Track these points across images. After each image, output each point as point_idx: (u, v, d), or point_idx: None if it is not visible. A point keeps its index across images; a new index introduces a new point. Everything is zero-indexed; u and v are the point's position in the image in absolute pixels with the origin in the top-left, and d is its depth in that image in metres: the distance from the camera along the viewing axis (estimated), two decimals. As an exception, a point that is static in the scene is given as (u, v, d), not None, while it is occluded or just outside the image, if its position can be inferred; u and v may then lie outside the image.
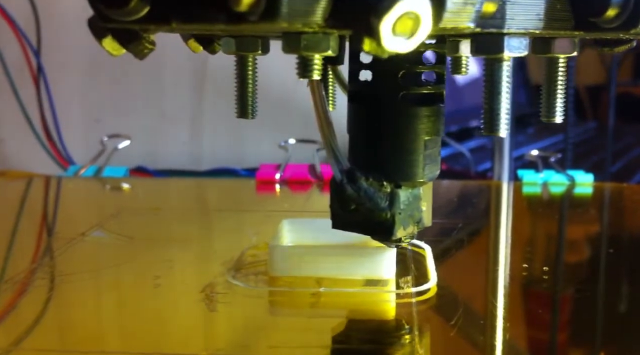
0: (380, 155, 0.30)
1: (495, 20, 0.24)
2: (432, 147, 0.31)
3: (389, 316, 0.33)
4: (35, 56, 0.76)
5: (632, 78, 1.48)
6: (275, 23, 0.20)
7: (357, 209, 0.30)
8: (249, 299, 0.33)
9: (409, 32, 0.19)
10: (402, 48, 0.19)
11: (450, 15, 0.21)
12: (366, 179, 0.30)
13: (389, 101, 0.30)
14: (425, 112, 0.30)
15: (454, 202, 0.60)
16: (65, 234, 0.45)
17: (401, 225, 0.30)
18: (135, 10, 0.22)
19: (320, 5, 0.20)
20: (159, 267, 0.39)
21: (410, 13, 0.19)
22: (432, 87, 0.30)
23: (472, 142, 1.16)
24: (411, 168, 0.30)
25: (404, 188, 0.30)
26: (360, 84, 0.31)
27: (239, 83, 0.31)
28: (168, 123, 0.82)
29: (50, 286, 0.35)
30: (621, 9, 0.24)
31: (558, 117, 0.29)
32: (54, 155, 0.77)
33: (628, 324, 0.33)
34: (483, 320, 0.32)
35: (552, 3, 0.25)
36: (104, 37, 0.25)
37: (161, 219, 0.50)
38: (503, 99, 0.26)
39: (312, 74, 0.25)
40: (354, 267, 0.34)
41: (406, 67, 0.30)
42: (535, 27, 0.25)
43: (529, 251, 0.45)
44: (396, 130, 0.30)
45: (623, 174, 1.05)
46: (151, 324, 0.32)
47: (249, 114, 0.32)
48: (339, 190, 0.30)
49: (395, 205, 0.30)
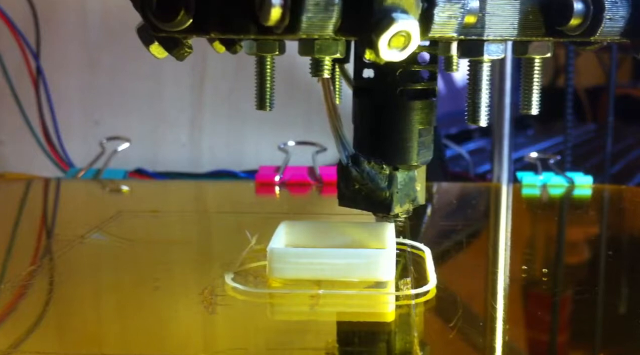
0: (380, 142, 0.35)
1: (476, 29, 0.28)
2: (426, 135, 0.35)
3: (388, 318, 0.33)
4: (34, 59, 0.76)
5: (632, 80, 1.48)
6: (296, 35, 0.25)
7: (360, 189, 0.34)
8: (248, 301, 0.33)
9: (401, 45, 0.24)
10: (396, 58, 0.24)
11: (437, 27, 0.26)
12: (368, 163, 0.34)
13: (388, 95, 0.35)
14: (419, 105, 0.35)
15: (453, 204, 0.60)
16: (64, 237, 0.45)
17: (398, 203, 0.35)
18: (181, 22, 0.26)
19: (332, 21, 0.25)
20: (158, 269, 0.39)
21: (402, 31, 0.24)
22: (425, 83, 0.35)
23: (472, 144, 1.16)
24: (407, 153, 0.35)
25: (401, 171, 0.35)
26: (364, 80, 0.36)
27: (259, 79, 0.35)
28: (167, 125, 0.82)
29: (49, 288, 0.35)
30: (583, 19, 0.28)
31: (534, 109, 0.33)
32: (53, 158, 0.77)
33: (628, 325, 0.33)
34: (482, 322, 0.32)
35: (525, 14, 0.29)
36: (151, 44, 0.29)
37: (160, 222, 0.50)
38: (484, 95, 0.31)
39: (323, 73, 0.29)
40: (352, 269, 0.34)
41: (403, 66, 0.34)
42: (511, 34, 0.29)
43: (528, 253, 0.45)
44: (394, 121, 0.34)
45: (622, 175, 1.05)
46: (150, 326, 0.32)
47: (267, 106, 0.35)
48: (345, 172, 0.34)
49: (394, 185, 0.34)
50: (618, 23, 0.28)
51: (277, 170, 0.63)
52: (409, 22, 0.24)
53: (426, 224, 0.50)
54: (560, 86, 1.07)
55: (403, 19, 0.24)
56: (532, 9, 0.29)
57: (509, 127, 0.73)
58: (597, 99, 1.40)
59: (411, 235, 0.42)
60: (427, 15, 0.26)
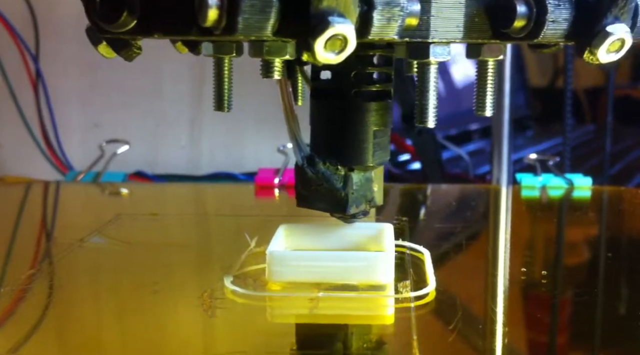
0: (335, 143, 0.35)
1: (421, 32, 0.28)
2: (381, 136, 0.35)
3: (387, 321, 0.33)
4: (33, 62, 0.76)
5: (631, 81, 1.48)
6: (234, 36, 0.25)
7: (316, 189, 0.35)
8: (248, 304, 0.33)
9: (338, 48, 0.24)
10: (333, 60, 0.25)
11: (377, 29, 0.26)
12: (324, 164, 0.35)
13: (343, 97, 0.35)
14: (374, 107, 0.35)
15: (452, 206, 0.60)
16: (64, 240, 0.45)
17: (354, 203, 0.35)
18: (124, 24, 0.26)
19: (269, 23, 0.25)
20: (158, 272, 0.39)
21: (338, 35, 0.24)
22: (380, 85, 0.35)
23: (471, 145, 1.16)
24: (362, 154, 0.35)
25: (357, 172, 0.35)
26: (321, 82, 0.36)
27: (217, 81, 0.35)
28: (167, 128, 0.82)
29: (48, 292, 0.35)
30: (526, 21, 0.28)
31: (488, 111, 0.33)
32: (52, 161, 0.77)
33: (627, 327, 0.33)
34: (482, 324, 0.32)
35: (470, 17, 0.29)
36: (99, 44, 0.30)
37: (160, 224, 0.50)
38: (431, 96, 0.31)
39: (273, 74, 0.30)
40: (352, 272, 0.34)
41: (358, 68, 0.34)
42: (457, 36, 0.29)
43: (527, 255, 0.45)
44: (349, 122, 0.35)
45: (622, 176, 1.05)
46: (150, 329, 0.32)
47: (225, 107, 0.35)
48: (301, 173, 0.35)
49: (349, 186, 0.35)
50: (561, 25, 0.29)
51: (276, 173, 0.63)
52: (345, 26, 0.24)
53: (425, 226, 0.50)
54: (560, 87, 1.07)
55: (339, 22, 0.24)
56: (478, 12, 0.29)
57: (508, 128, 0.73)
58: (596, 100, 1.40)
59: (410, 237, 0.42)
60: (366, 17, 0.26)
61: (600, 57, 0.28)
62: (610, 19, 0.28)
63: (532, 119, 1.43)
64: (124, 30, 0.26)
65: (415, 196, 0.65)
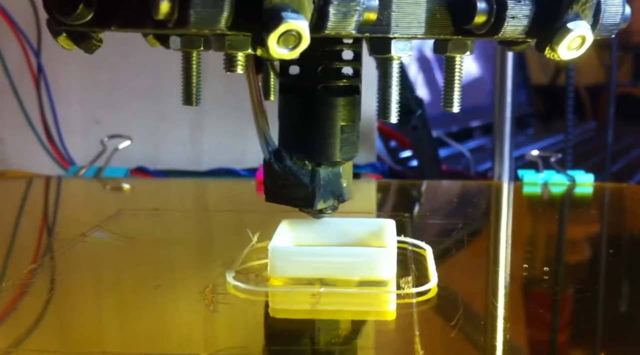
0: (303, 138, 0.35)
1: (382, 27, 0.29)
2: (349, 132, 0.35)
3: (389, 317, 0.33)
4: (35, 57, 0.76)
5: (632, 78, 1.48)
6: (187, 29, 0.25)
7: (284, 184, 0.35)
8: (250, 299, 0.33)
9: (292, 44, 0.25)
10: (287, 56, 0.25)
11: (333, 24, 0.26)
12: (291, 159, 0.34)
13: (310, 92, 0.34)
14: (342, 102, 0.34)
15: (454, 203, 0.60)
16: (65, 235, 0.45)
17: (322, 198, 0.35)
18: (81, 16, 0.26)
19: (222, 16, 0.25)
20: (159, 268, 0.39)
21: (292, 31, 0.24)
22: (348, 80, 0.35)
23: (472, 142, 1.16)
24: (329, 149, 0.34)
25: (324, 167, 0.35)
26: (289, 77, 0.35)
27: (185, 75, 0.35)
28: (168, 123, 0.82)
29: (50, 287, 0.35)
30: (487, 17, 0.29)
31: (455, 107, 0.33)
32: (54, 156, 0.77)
33: (628, 324, 0.33)
34: (484, 320, 0.32)
35: (432, 12, 0.29)
36: (59, 35, 0.30)
37: (161, 220, 0.50)
38: (394, 92, 0.31)
39: (236, 68, 0.30)
40: (354, 267, 0.34)
41: (325, 64, 0.34)
42: (418, 32, 0.29)
43: (529, 251, 0.45)
44: (316, 117, 0.34)
45: (623, 173, 1.05)
46: (151, 324, 0.32)
47: (194, 101, 0.35)
48: (269, 168, 0.35)
49: (316, 181, 0.34)
50: (522, 21, 0.29)
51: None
52: (298, 22, 0.24)
53: (427, 223, 0.50)
54: (561, 85, 1.07)
55: (292, 18, 0.24)
56: (440, 8, 0.29)
57: (510, 125, 0.73)
58: (597, 97, 1.40)
59: (412, 233, 0.42)
60: (322, 12, 0.26)
61: (560, 53, 0.29)
62: (571, 15, 0.28)
63: (534, 116, 1.43)
64: (81, 23, 0.27)
65: (417, 192, 0.65)
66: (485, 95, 1.19)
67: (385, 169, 0.83)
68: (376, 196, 0.64)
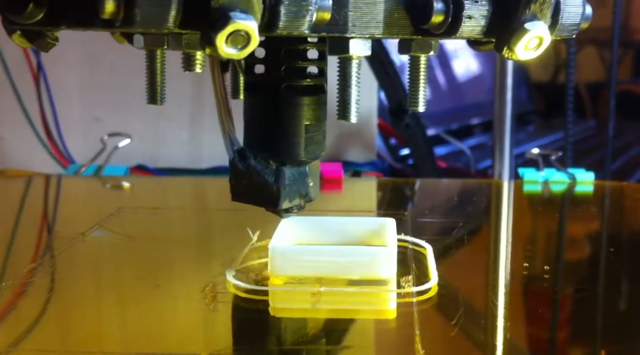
0: (267, 137, 0.35)
1: (339, 27, 0.29)
2: (314, 131, 0.35)
3: (390, 315, 0.33)
4: (35, 55, 0.76)
5: (633, 76, 1.48)
6: (133, 28, 0.24)
7: (248, 183, 0.35)
8: (250, 298, 0.33)
9: (240, 44, 0.24)
10: (236, 56, 0.25)
11: (285, 23, 0.26)
12: (255, 158, 0.34)
13: (274, 91, 0.34)
14: (306, 101, 0.34)
15: (454, 201, 0.60)
16: (65, 234, 0.45)
17: (287, 198, 0.35)
18: (31, 15, 0.26)
19: (170, 15, 0.25)
20: (159, 266, 0.39)
21: (240, 31, 0.24)
22: (312, 79, 0.34)
23: (473, 139, 1.16)
24: (294, 148, 0.34)
25: (290, 166, 0.35)
26: (254, 75, 0.35)
27: (150, 74, 0.35)
28: (168, 121, 0.82)
29: (50, 286, 0.35)
30: (444, 17, 0.29)
31: (421, 106, 0.33)
32: (54, 154, 0.77)
33: (629, 322, 0.33)
34: (484, 319, 0.32)
35: (390, 12, 0.29)
36: (13, 33, 0.30)
37: (161, 218, 0.50)
38: (353, 92, 0.31)
39: (194, 68, 0.30)
40: (354, 266, 0.34)
41: (288, 62, 0.34)
42: (376, 32, 0.29)
43: (529, 250, 0.45)
44: (280, 116, 0.34)
45: (623, 171, 1.05)
46: (151, 323, 0.32)
47: (158, 100, 0.35)
48: (233, 167, 0.35)
49: (281, 180, 0.34)
50: (479, 21, 0.29)
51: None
52: (246, 22, 0.24)
53: (428, 221, 0.50)
54: (561, 82, 1.06)
55: (240, 18, 0.24)
56: (397, 7, 0.29)
57: (510, 123, 0.73)
58: (597, 94, 1.40)
59: (412, 232, 0.42)
60: (273, 12, 0.26)
61: (518, 54, 0.29)
62: (528, 16, 0.28)
63: (534, 114, 1.43)
64: (32, 22, 0.26)
65: (417, 191, 0.65)
66: (486, 92, 1.19)
67: (386, 167, 0.83)
68: (376, 194, 0.64)
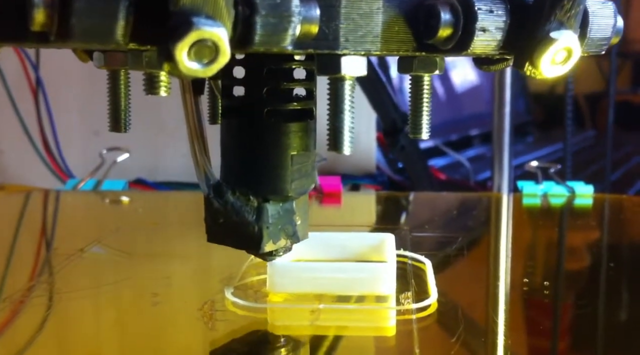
0: (248, 170, 0.30)
1: (328, 42, 0.24)
2: (301, 162, 0.30)
3: (389, 333, 0.32)
4: (34, 69, 0.76)
5: (631, 86, 1.48)
6: (71, 42, 0.20)
7: (226, 222, 0.30)
8: (248, 316, 0.33)
9: (207, 57, 0.20)
10: (201, 73, 0.20)
11: (262, 37, 0.21)
12: (233, 193, 0.30)
13: (255, 116, 0.30)
14: (292, 128, 0.30)
15: (454, 215, 0.59)
16: (63, 250, 0.45)
17: (270, 239, 0.30)
18: None
19: (116, 26, 0.20)
20: (158, 283, 0.39)
21: (206, 41, 0.19)
22: (299, 103, 0.30)
23: (471, 151, 1.16)
24: (278, 183, 0.30)
25: (274, 202, 0.30)
26: (233, 99, 0.31)
27: (112, 97, 0.31)
28: (167, 135, 0.82)
29: (48, 304, 0.35)
30: (453, 30, 0.25)
31: (424, 133, 0.29)
32: (52, 169, 0.77)
33: (629, 337, 0.33)
34: (484, 336, 0.32)
35: (388, 25, 0.25)
36: None
37: (160, 234, 0.50)
38: (346, 118, 0.26)
39: (158, 91, 0.26)
40: (353, 283, 0.34)
41: (271, 84, 0.29)
42: (372, 49, 0.25)
43: (530, 265, 0.45)
44: (262, 145, 0.30)
45: (622, 183, 1.05)
46: (150, 341, 0.32)
47: (122, 127, 0.31)
48: (209, 204, 0.31)
49: (263, 219, 0.30)
50: (495, 35, 0.25)
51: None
52: (213, 29, 0.20)
53: (427, 235, 0.50)
54: (560, 93, 1.07)
55: (206, 24, 0.19)
56: (398, 19, 0.25)
57: (509, 135, 0.73)
58: (596, 105, 1.40)
59: (411, 247, 0.42)
60: (247, 23, 0.21)
61: (543, 69, 0.24)
62: (554, 24, 0.24)
63: (533, 125, 1.43)
64: None
65: (416, 204, 0.65)
66: (484, 103, 1.19)
67: (385, 180, 0.83)
68: (375, 208, 0.63)
